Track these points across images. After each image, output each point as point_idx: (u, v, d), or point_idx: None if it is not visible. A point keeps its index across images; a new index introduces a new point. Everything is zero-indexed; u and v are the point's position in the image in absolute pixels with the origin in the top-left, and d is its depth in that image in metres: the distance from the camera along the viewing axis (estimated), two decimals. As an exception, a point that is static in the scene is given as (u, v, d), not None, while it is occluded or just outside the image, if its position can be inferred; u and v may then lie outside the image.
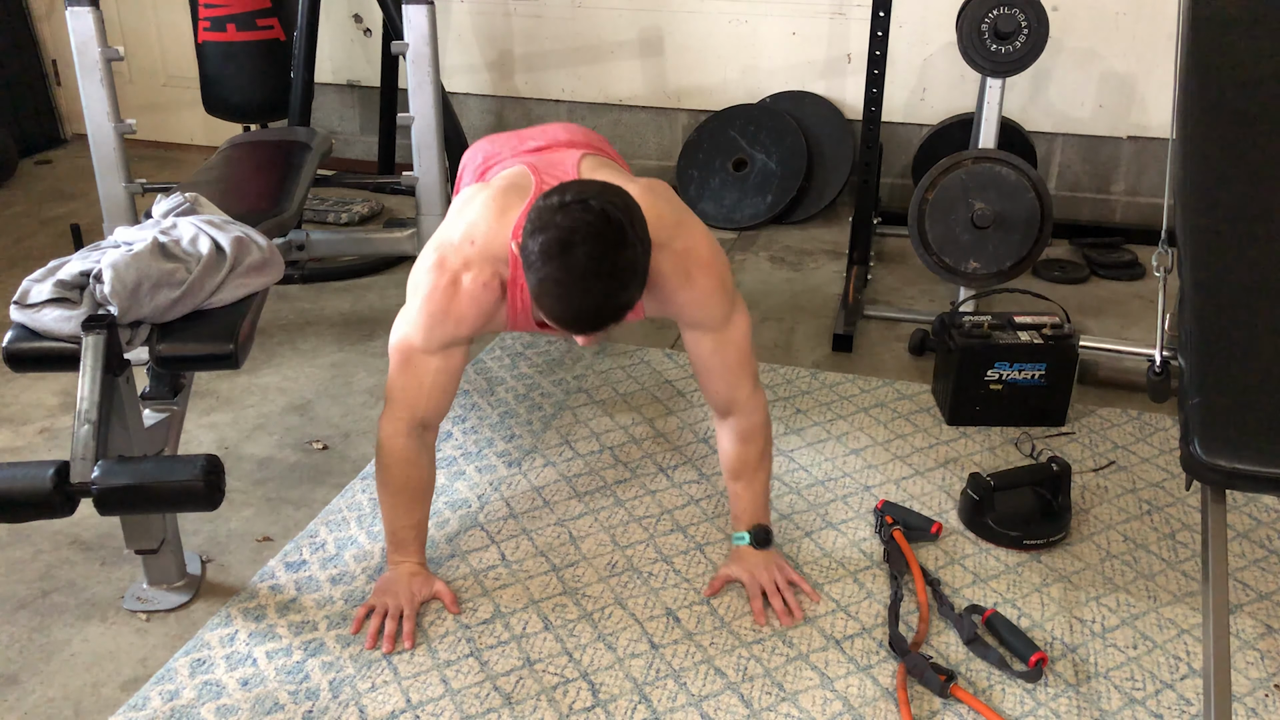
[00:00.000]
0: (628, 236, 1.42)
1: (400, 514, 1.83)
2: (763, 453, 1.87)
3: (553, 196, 1.44)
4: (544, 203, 1.45)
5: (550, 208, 1.43)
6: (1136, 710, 1.61)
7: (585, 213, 1.39)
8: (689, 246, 1.66)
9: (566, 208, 1.41)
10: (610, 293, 1.44)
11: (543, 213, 1.43)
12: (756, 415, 1.83)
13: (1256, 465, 1.39)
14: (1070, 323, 2.40)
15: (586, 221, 1.39)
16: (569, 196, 1.42)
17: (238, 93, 3.36)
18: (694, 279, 1.66)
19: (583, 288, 1.42)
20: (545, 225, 1.41)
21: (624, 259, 1.43)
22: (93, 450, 1.55)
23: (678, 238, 1.65)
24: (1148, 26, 3.36)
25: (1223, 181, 1.65)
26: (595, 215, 1.40)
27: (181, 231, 1.84)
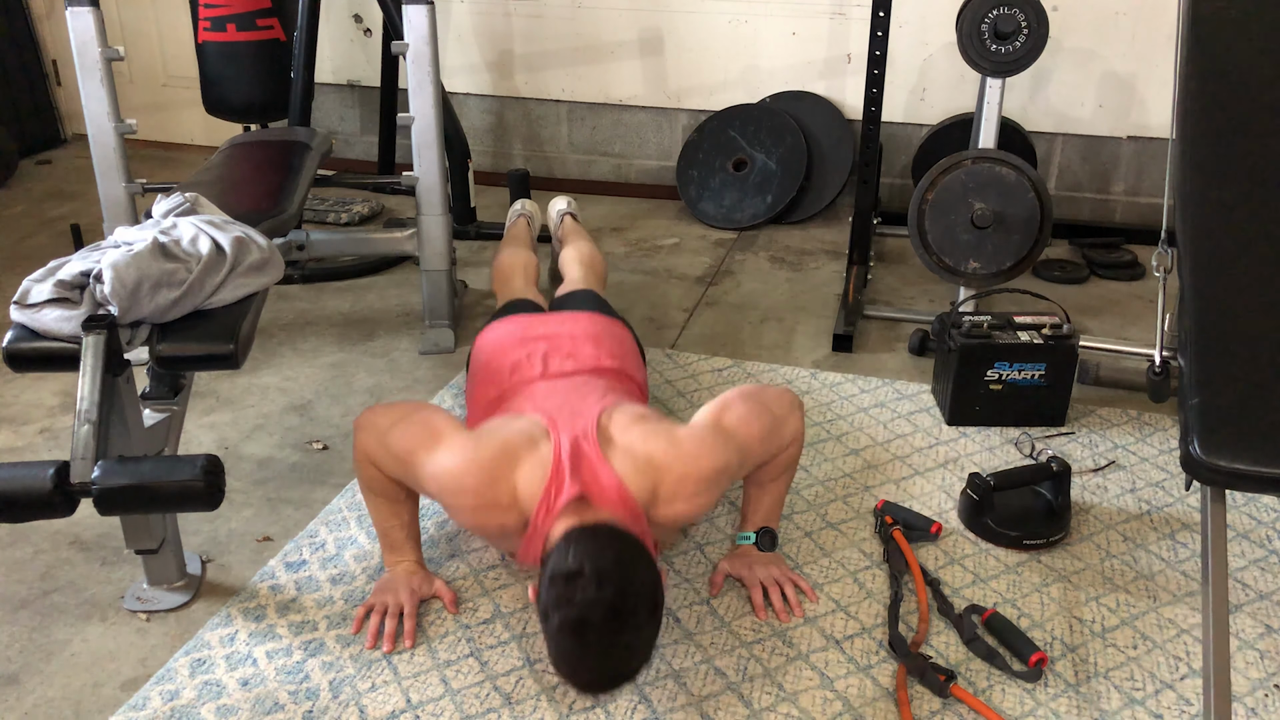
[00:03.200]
0: (639, 615, 1.45)
1: (386, 515, 1.84)
2: (788, 464, 1.88)
3: (570, 557, 1.46)
4: (560, 565, 1.46)
5: (566, 576, 1.44)
6: (1136, 710, 1.61)
7: (599, 591, 1.41)
8: (672, 494, 1.65)
9: (582, 583, 1.42)
10: (620, 667, 1.48)
11: (559, 582, 1.44)
12: (794, 445, 1.86)
13: (1256, 465, 1.39)
14: (1070, 323, 2.40)
15: (601, 602, 1.41)
16: (586, 566, 1.44)
17: (238, 93, 3.36)
18: (689, 512, 1.68)
19: (596, 665, 1.46)
20: (561, 601, 1.43)
21: (635, 638, 1.46)
22: (93, 450, 1.55)
23: (660, 489, 1.64)
24: (1148, 26, 3.36)
25: (1223, 181, 1.65)
26: (608, 595, 1.42)
27: (181, 231, 1.84)
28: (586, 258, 2.64)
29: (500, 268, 2.64)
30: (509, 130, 4.18)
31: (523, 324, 2.10)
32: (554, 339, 2.03)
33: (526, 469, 1.63)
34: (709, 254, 3.50)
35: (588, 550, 1.47)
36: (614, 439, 1.68)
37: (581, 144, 4.13)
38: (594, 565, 1.43)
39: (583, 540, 1.49)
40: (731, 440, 1.70)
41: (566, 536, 1.51)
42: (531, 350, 2.00)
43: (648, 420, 1.72)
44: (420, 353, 2.78)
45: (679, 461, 1.65)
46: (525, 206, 3.14)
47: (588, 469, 1.63)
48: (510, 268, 2.61)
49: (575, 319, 2.13)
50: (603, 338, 2.06)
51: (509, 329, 2.10)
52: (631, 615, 1.43)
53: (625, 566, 1.46)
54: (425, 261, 2.80)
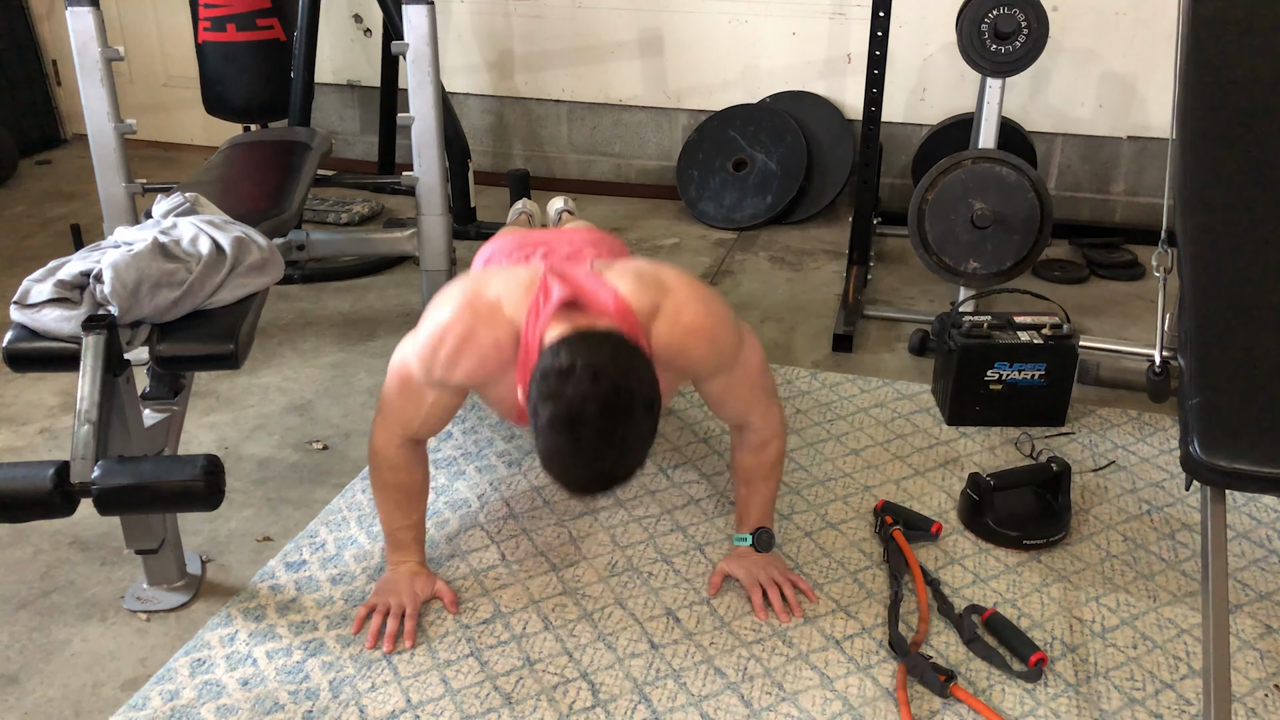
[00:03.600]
0: (635, 410, 1.38)
1: (396, 516, 1.83)
2: (774, 462, 1.87)
3: (561, 355, 1.39)
4: (552, 362, 1.39)
5: (558, 372, 1.37)
6: (1136, 710, 1.61)
7: (594, 384, 1.34)
8: (677, 309, 1.60)
9: (574, 376, 1.35)
10: (616, 466, 1.41)
11: (550, 377, 1.38)
12: (770, 429, 1.83)
13: (1256, 465, 1.39)
14: (1070, 323, 2.40)
15: (595, 396, 1.34)
16: (578, 361, 1.36)
17: (238, 93, 3.36)
18: (690, 343, 1.62)
19: (589, 462, 1.39)
20: (553, 394, 1.36)
21: (631, 433, 1.39)
22: (93, 450, 1.55)
23: (664, 305, 1.60)
24: (1148, 26, 3.36)
25: (1223, 181, 1.65)
26: (604, 388, 1.35)
27: (181, 231, 1.84)
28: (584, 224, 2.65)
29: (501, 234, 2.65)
30: (509, 130, 4.18)
31: (519, 235, 2.08)
32: (552, 242, 1.99)
33: (512, 285, 1.59)
34: (709, 254, 3.50)
35: (581, 348, 1.39)
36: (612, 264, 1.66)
37: (581, 144, 4.13)
38: (587, 360, 1.36)
39: (577, 340, 1.42)
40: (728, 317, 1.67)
41: (560, 338, 1.43)
42: (529, 252, 1.95)
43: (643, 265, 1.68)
44: (420, 353, 2.77)
45: (685, 283, 1.62)
46: (526, 205, 3.15)
47: (579, 280, 1.57)
48: None
49: (573, 230, 2.11)
50: (601, 243, 2.02)
51: (508, 239, 2.07)
52: (626, 411, 1.36)
53: (621, 362, 1.39)
54: (425, 261, 2.80)
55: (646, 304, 1.57)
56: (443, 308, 1.63)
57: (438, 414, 1.74)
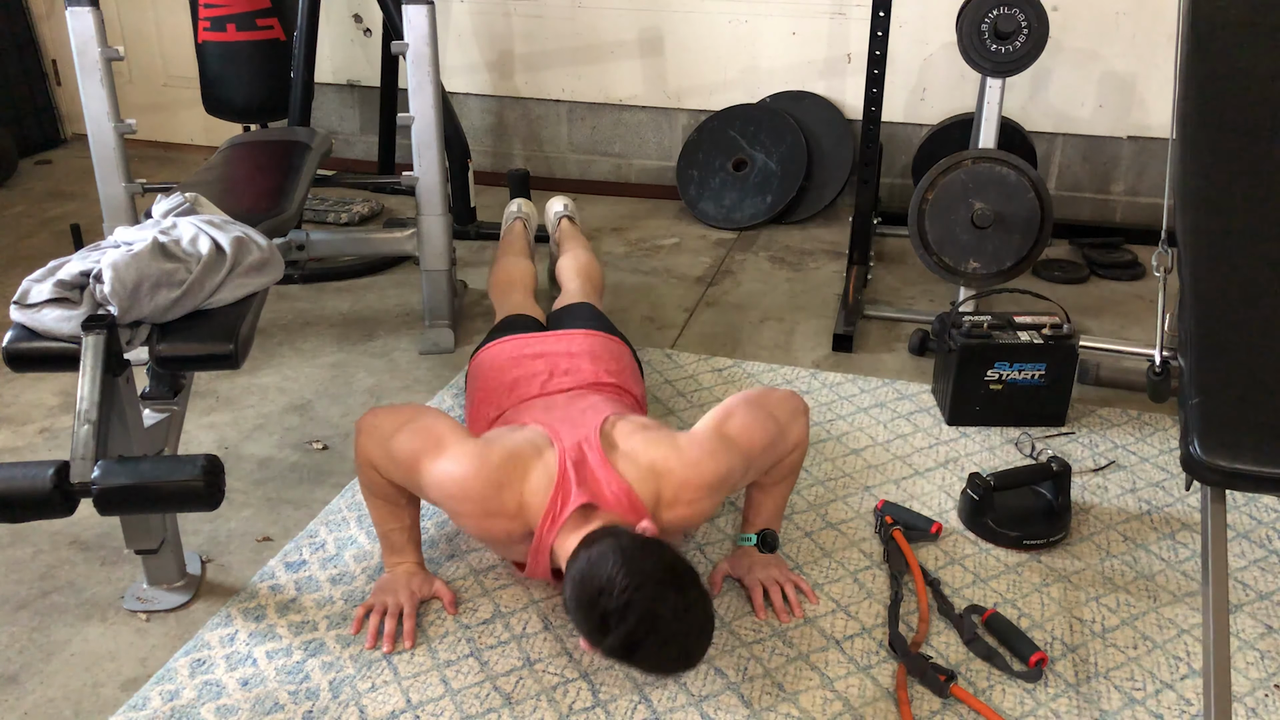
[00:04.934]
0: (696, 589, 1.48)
1: (387, 518, 1.84)
2: (792, 467, 1.88)
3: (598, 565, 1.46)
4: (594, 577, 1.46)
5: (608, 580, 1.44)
6: (1136, 710, 1.61)
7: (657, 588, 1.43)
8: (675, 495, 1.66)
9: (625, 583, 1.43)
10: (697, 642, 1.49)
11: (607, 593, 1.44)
12: (795, 440, 1.85)
13: (1256, 465, 1.39)
14: (1070, 323, 2.40)
15: (661, 597, 1.43)
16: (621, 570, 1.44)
17: (238, 93, 3.36)
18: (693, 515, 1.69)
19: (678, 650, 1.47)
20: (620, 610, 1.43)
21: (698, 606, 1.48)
22: (93, 450, 1.55)
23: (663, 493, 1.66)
24: (1148, 26, 3.36)
25: (1223, 182, 1.65)
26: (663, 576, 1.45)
27: (181, 231, 1.84)
28: (584, 268, 2.66)
29: (498, 279, 2.66)
30: (509, 130, 4.18)
31: (520, 344, 2.12)
32: (552, 357, 2.05)
33: (532, 478, 1.64)
34: (709, 254, 3.50)
35: (610, 551, 1.47)
36: (617, 445, 1.70)
37: (581, 144, 4.13)
38: (626, 563, 1.44)
39: (599, 542, 1.50)
40: (734, 448, 1.71)
41: (586, 542, 1.52)
42: (530, 369, 2.02)
43: (650, 429, 1.74)
44: (420, 353, 2.78)
45: (681, 467, 1.66)
46: (521, 208, 3.14)
47: (593, 476, 1.64)
48: (508, 281, 2.63)
49: (572, 337, 2.14)
50: (600, 354, 2.08)
51: (506, 348, 2.11)
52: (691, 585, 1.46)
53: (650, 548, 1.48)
54: (425, 261, 2.80)
55: (649, 496, 1.66)
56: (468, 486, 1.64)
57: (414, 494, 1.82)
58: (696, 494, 1.66)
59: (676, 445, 1.69)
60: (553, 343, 2.11)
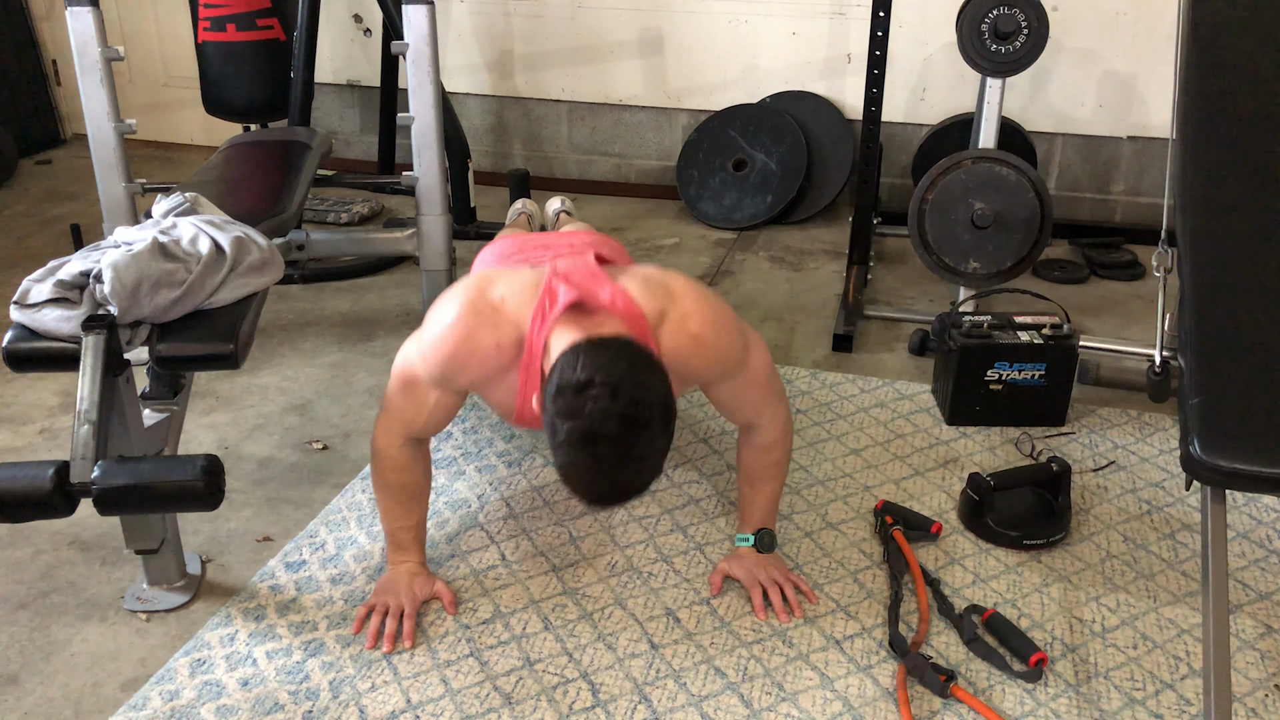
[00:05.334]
0: (653, 425, 1.39)
1: (397, 516, 1.84)
2: (779, 462, 1.88)
3: (578, 368, 1.38)
4: (569, 376, 1.39)
5: (575, 387, 1.37)
6: (1136, 710, 1.61)
7: (612, 402, 1.35)
8: (684, 315, 1.61)
9: (593, 393, 1.36)
10: (634, 479, 1.43)
11: (568, 393, 1.38)
12: (778, 429, 1.83)
13: (1256, 465, 1.39)
14: (1070, 323, 2.40)
15: (614, 413, 1.35)
16: (596, 376, 1.37)
17: (238, 93, 3.36)
18: (697, 350, 1.63)
19: (608, 477, 1.40)
20: (572, 411, 1.36)
21: (649, 448, 1.40)
22: (93, 450, 1.55)
23: (670, 311, 1.61)
24: (1148, 26, 3.36)
25: (1223, 181, 1.65)
26: (622, 404, 1.35)
27: (181, 231, 1.84)
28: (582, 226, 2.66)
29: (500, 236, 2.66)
30: (509, 130, 4.18)
31: (524, 237, 2.09)
32: (554, 244, 2.00)
33: (517, 287, 1.59)
34: (709, 254, 3.50)
35: (598, 360, 1.39)
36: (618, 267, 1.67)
37: (581, 144, 4.13)
38: (605, 374, 1.36)
39: (592, 350, 1.41)
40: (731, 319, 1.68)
41: (574, 347, 1.42)
42: (531, 254, 1.95)
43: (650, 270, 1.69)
44: (420, 353, 2.78)
45: (692, 290, 1.62)
46: (526, 205, 3.14)
47: (586, 279, 1.57)
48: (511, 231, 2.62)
49: (575, 234, 2.11)
50: (601, 244, 2.03)
51: (511, 241, 2.08)
52: (645, 426, 1.37)
53: (639, 375, 1.39)
54: (425, 261, 2.80)
55: (654, 309, 1.58)
56: (445, 309, 1.63)
57: (440, 414, 1.75)
58: (700, 326, 1.59)
59: (681, 277, 1.65)
60: (554, 237, 2.09)
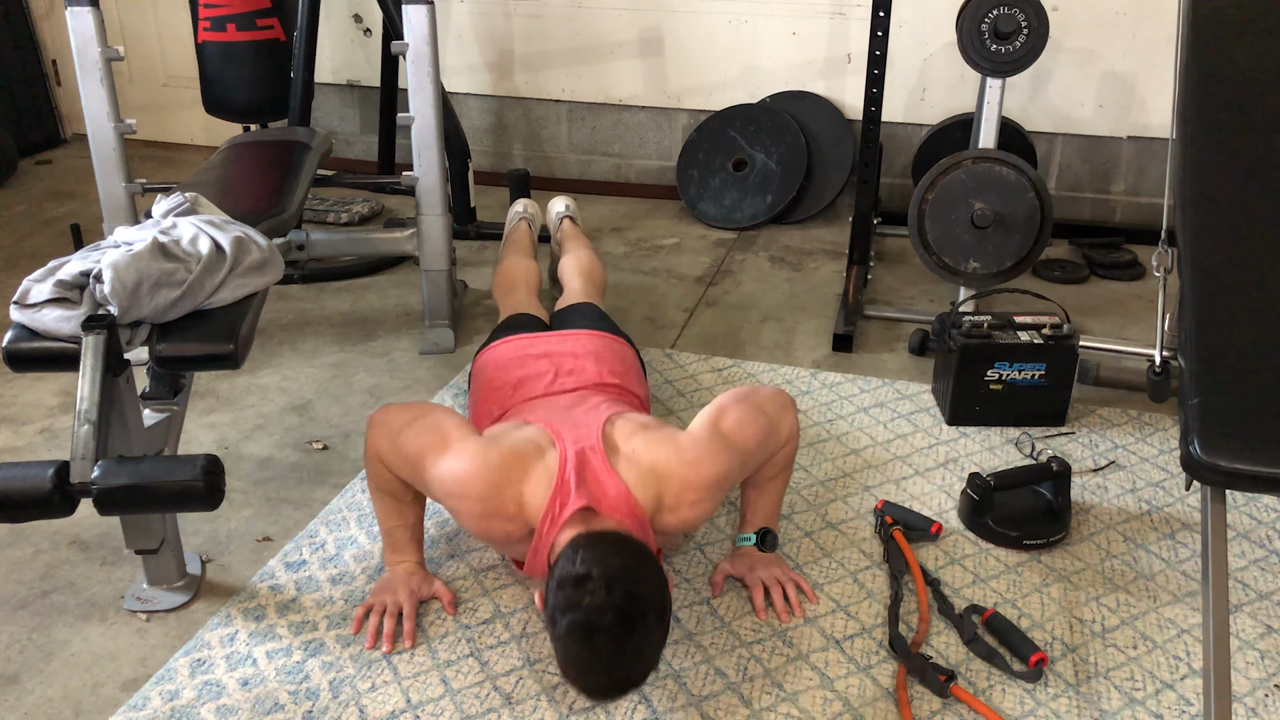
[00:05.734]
0: (648, 619, 1.45)
1: (393, 516, 1.84)
2: (785, 464, 1.89)
3: (577, 562, 1.46)
4: (568, 570, 1.46)
5: (575, 581, 1.44)
6: (1136, 710, 1.61)
7: (609, 596, 1.42)
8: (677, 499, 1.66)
9: (590, 586, 1.43)
10: (630, 672, 1.48)
11: (567, 587, 1.45)
12: (786, 434, 1.86)
13: (1256, 465, 1.39)
14: (1070, 323, 2.40)
15: (610, 605, 1.41)
16: (594, 571, 1.44)
17: (238, 93, 3.36)
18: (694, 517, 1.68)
19: (606, 671, 1.46)
20: (569, 604, 1.43)
21: (645, 641, 1.46)
22: (93, 450, 1.55)
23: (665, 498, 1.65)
24: (1148, 26, 3.36)
25: (1223, 181, 1.65)
26: (618, 599, 1.42)
27: (181, 231, 1.84)
28: (586, 268, 2.66)
29: (502, 278, 2.66)
30: (509, 130, 4.18)
31: (524, 343, 2.12)
32: (557, 357, 2.05)
33: (533, 479, 1.64)
34: (709, 254, 3.50)
35: (596, 555, 1.47)
36: (619, 447, 1.70)
37: (581, 144, 4.13)
38: (603, 569, 1.44)
39: (591, 546, 1.50)
40: (731, 445, 1.72)
41: (574, 542, 1.52)
42: (535, 368, 2.02)
43: (650, 429, 1.74)
44: (420, 353, 2.78)
45: (683, 469, 1.66)
46: (526, 208, 3.14)
47: (594, 479, 1.64)
48: (512, 279, 2.63)
49: (577, 338, 2.14)
50: (604, 354, 2.08)
51: (510, 348, 2.11)
52: (640, 620, 1.44)
53: (634, 571, 1.47)
54: (425, 261, 2.80)
55: (651, 499, 1.65)
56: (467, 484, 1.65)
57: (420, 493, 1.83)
58: (698, 495, 1.67)
59: (678, 446, 1.69)
60: (557, 343, 2.11)
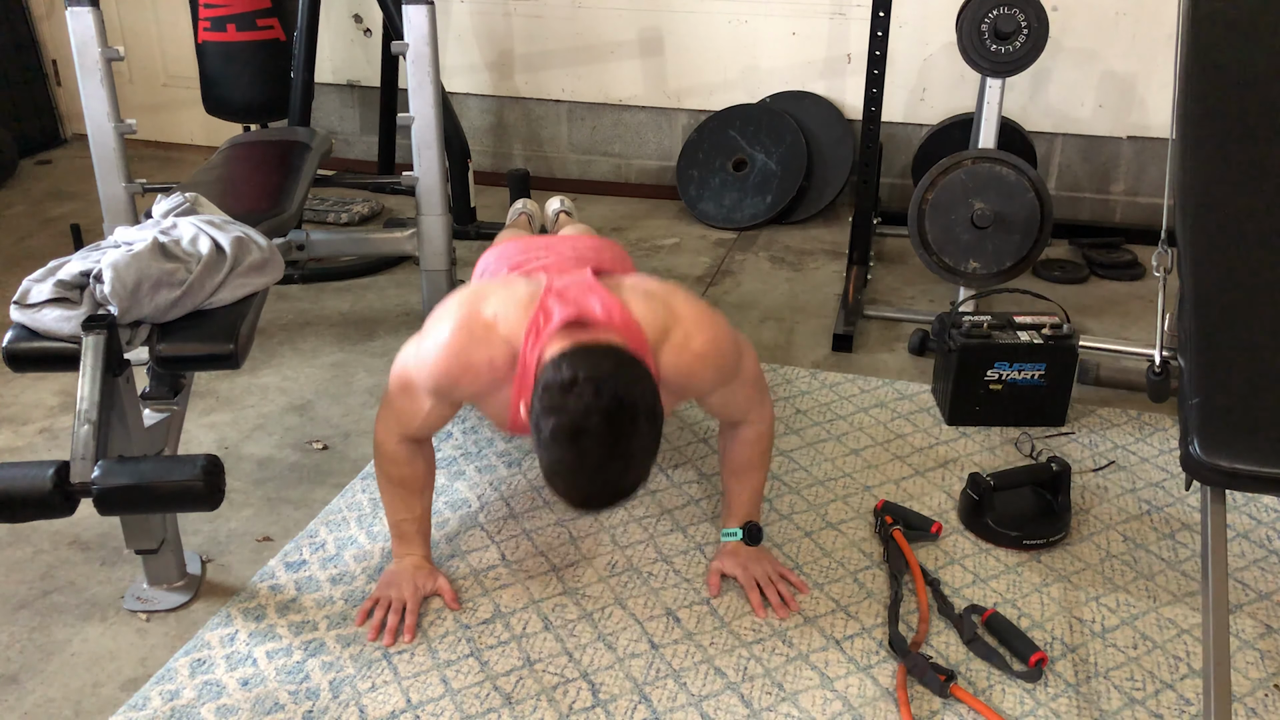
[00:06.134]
0: (638, 422, 1.38)
1: (400, 507, 1.84)
2: (763, 454, 1.89)
3: (563, 368, 1.38)
4: (554, 376, 1.38)
5: (560, 385, 1.37)
6: (1136, 710, 1.61)
7: (596, 398, 1.34)
8: (686, 335, 1.61)
9: (577, 390, 1.35)
10: (620, 478, 1.41)
11: (553, 391, 1.37)
12: (763, 424, 1.85)
13: (1256, 465, 1.39)
14: (1070, 323, 2.40)
15: (598, 408, 1.34)
16: (580, 374, 1.36)
17: (238, 93, 3.36)
18: (698, 368, 1.64)
19: (592, 475, 1.39)
20: (555, 408, 1.36)
21: (634, 446, 1.39)
22: (93, 450, 1.55)
23: (674, 331, 1.61)
24: (1148, 26, 3.36)
25: (1223, 181, 1.65)
26: (606, 401, 1.35)
27: (181, 231, 1.84)
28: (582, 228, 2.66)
29: (501, 239, 2.66)
30: (509, 130, 4.18)
31: (523, 240, 2.09)
32: (555, 248, 2.00)
33: (508, 306, 1.58)
34: (709, 254, 3.50)
35: (583, 360, 1.39)
36: (619, 281, 1.66)
37: (581, 144, 4.13)
38: (590, 372, 1.36)
39: (578, 353, 1.42)
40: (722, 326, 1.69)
41: (561, 353, 1.43)
42: (533, 255, 1.96)
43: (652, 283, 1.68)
44: (420, 353, 2.78)
45: (693, 307, 1.62)
46: (527, 205, 3.14)
47: (584, 294, 1.56)
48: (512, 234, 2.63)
49: (577, 238, 2.12)
50: (603, 249, 2.03)
51: (509, 245, 2.08)
52: (630, 421, 1.36)
53: (624, 374, 1.39)
54: (425, 261, 2.80)
55: (657, 327, 1.58)
56: (439, 326, 1.64)
57: (435, 419, 1.77)
58: (706, 344, 1.59)
59: (685, 293, 1.64)
60: (556, 240, 2.10)
